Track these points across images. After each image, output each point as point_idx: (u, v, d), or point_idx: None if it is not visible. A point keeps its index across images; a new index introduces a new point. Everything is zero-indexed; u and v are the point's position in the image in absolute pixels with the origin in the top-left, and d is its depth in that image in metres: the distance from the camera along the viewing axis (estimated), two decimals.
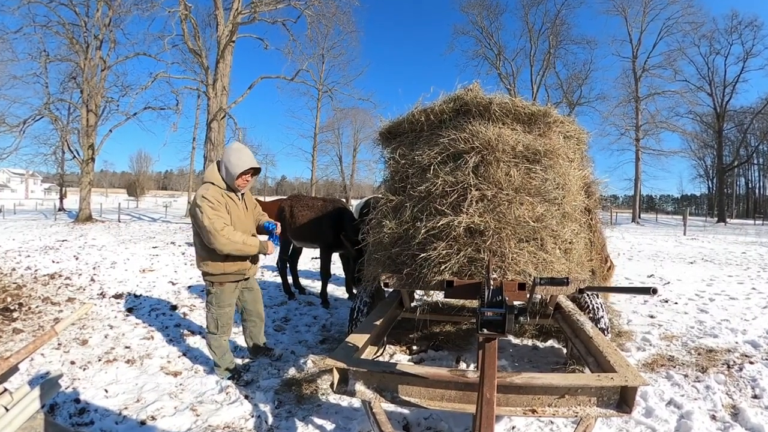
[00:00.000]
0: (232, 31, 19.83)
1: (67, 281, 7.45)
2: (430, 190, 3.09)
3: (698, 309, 5.83)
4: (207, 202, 3.30)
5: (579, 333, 3.19)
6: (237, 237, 3.35)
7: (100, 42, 23.10)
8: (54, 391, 1.99)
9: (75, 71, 23.61)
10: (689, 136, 39.90)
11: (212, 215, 3.28)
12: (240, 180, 3.47)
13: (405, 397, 2.43)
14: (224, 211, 3.40)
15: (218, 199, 3.38)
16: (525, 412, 2.27)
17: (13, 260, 9.43)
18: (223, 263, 3.49)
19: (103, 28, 22.82)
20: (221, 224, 3.29)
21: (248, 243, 3.43)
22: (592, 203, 3.77)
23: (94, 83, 22.82)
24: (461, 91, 3.37)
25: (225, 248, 3.32)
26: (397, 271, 3.10)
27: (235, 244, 3.34)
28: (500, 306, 1.65)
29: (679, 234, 19.25)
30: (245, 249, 3.42)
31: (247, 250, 3.44)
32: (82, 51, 22.60)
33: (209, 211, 3.28)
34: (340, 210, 6.07)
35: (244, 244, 3.39)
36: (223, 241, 3.28)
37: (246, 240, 3.41)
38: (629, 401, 2.21)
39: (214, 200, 3.34)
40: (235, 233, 3.36)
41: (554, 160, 3.17)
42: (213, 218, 3.27)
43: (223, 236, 3.27)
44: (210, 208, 3.30)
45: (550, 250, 2.89)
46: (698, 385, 3.48)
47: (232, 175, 3.40)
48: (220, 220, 3.31)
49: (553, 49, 37.90)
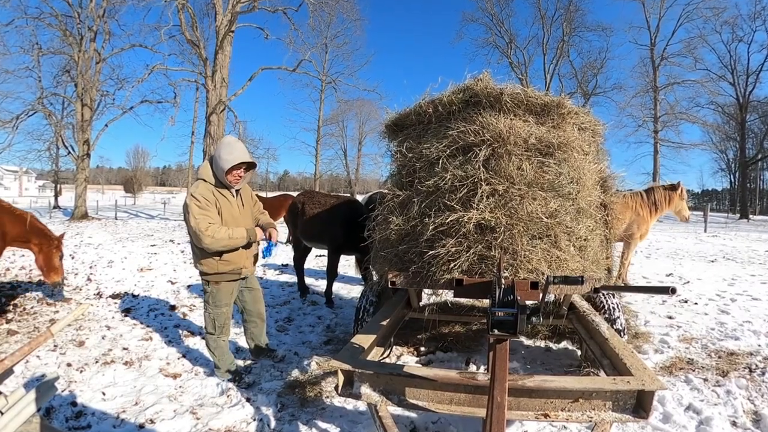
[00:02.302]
0: (231, 20, 19.82)
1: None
2: (438, 185, 3.09)
3: (719, 310, 5.79)
4: (194, 201, 3.36)
5: (594, 334, 3.18)
6: (222, 233, 3.37)
7: (95, 34, 23.18)
8: (50, 394, 2.01)
9: (69, 64, 23.71)
10: (710, 127, 39.52)
11: (198, 215, 3.33)
12: (231, 176, 3.50)
13: (412, 401, 2.44)
14: (213, 209, 3.43)
15: (207, 197, 3.41)
16: (537, 416, 2.27)
17: (6, 260, 9.50)
18: (217, 262, 3.53)
19: (97, 19, 22.90)
20: (206, 224, 3.32)
21: (234, 236, 3.44)
22: (608, 198, 3.75)
23: (89, 76, 22.93)
24: (471, 81, 3.34)
25: (212, 247, 3.37)
26: (404, 269, 3.10)
27: (220, 241, 3.37)
28: (512, 306, 1.64)
29: (699, 231, 19.11)
30: (232, 243, 3.45)
31: (234, 244, 3.46)
32: (76, 43, 22.68)
33: (195, 210, 3.33)
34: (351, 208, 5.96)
35: (230, 239, 3.41)
36: (207, 240, 3.32)
37: (232, 233, 3.43)
38: (646, 406, 2.20)
39: (202, 198, 3.38)
40: (220, 229, 3.38)
41: (568, 153, 3.15)
42: (198, 218, 3.32)
43: (208, 236, 3.31)
44: (197, 207, 3.35)
45: (564, 247, 2.88)
46: (718, 389, 3.46)
47: (222, 171, 3.43)
48: (205, 219, 3.34)
49: (567, 37, 37.61)
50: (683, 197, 6.88)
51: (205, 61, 20.47)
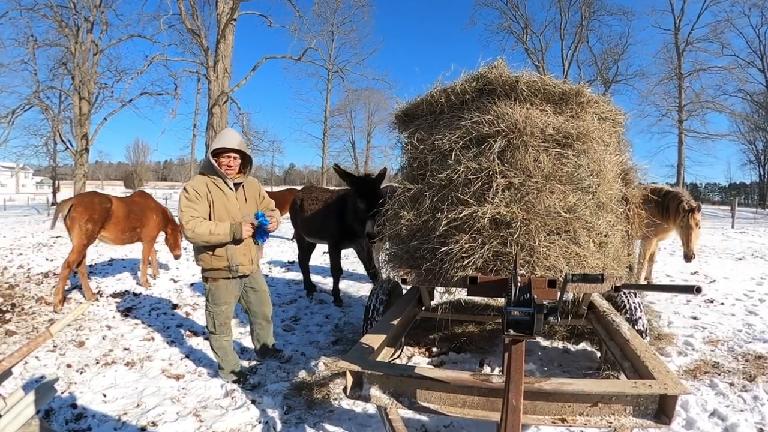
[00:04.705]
0: (233, 8, 19.85)
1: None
2: (451, 178, 3.07)
3: (747, 311, 5.72)
4: (184, 193, 3.50)
5: (614, 335, 3.17)
6: (202, 228, 3.41)
7: (91, 24, 23.40)
8: (49, 396, 2.03)
9: (65, 56, 23.97)
10: (738, 117, 38.97)
11: (184, 207, 3.45)
12: (221, 164, 3.57)
13: (424, 403, 2.45)
14: (203, 202, 3.51)
15: (198, 189, 3.52)
16: (554, 420, 2.27)
17: (4, 258, 9.65)
18: (210, 257, 3.60)
19: (94, 9, 23.11)
20: (188, 217, 3.41)
21: (216, 232, 3.46)
22: (630, 192, 3.72)
23: (86, 69, 23.15)
24: (485, 69, 3.32)
25: (193, 240, 3.45)
26: (415, 266, 3.10)
27: (201, 236, 3.42)
28: (528, 305, 1.64)
29: (726, 226, 18.88)
30: (213, 239, 3.46)
31: (215, 240, 3.48)
32: (72, 35, 22.90)
33: (183, 202, 3.48)
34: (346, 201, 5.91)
35: (210, 234, 3.44)
36: (188, 234, 3.41)
37: (214, 229, 3.45)
38: (668, 411, 2.19)
39: (192, 191, 3.50)
40: (202, 224, 3.42)
41: (588, 144, 3.12)
42: (184, 210, 3.44)
43: (188, 229, 3.40)
44: (185, 199, 3.48)
45: (584, 243, 2.86)
46: (745, 395, 3.43)
47: (209, 157, 3.55)
48: (189, 212, 3.44)
49: (586, 21, 37.23)
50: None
51: (207, 50, 20.53)
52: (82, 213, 6.03)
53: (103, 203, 6.29)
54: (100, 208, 6.20)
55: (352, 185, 5.11)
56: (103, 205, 6.26)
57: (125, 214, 6.59)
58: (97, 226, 6.15)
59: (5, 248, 11.01)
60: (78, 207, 6.08)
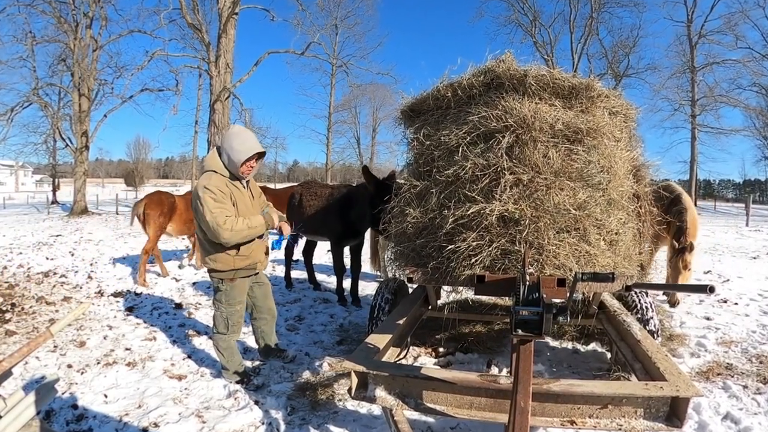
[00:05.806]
0: (234, 2, 19.84)
1: (62, 279, 7.68)
2: (458, 174, 3.07)
3: (761, 311, 5.69)
4: (209, 194, 3.34)
5: (625, 336, 3.16)
6: (240, 225, 3.39)
7: (90, 20, 23.45)
8: (50, 397, 2.05)
9: (64, 53, 24.06)
10: (753, 111, 38.51)
11: (214, 208, 3.32)
12: (244, 167, 3.50)
13: (430, 405, 2.45)
14: (229, 202, 3.44)
15: (222, 189, 3.41)
16: (563, 423, 2.26)
17: (4, 258, 9.73)
18: (233, 258, 3.54)
19: (93, 4, 23.16)
20: (223, 218, 3.32)
21: (253, 225, 3.48)
22: (641, 189, 3.70)
23: (86, 65, 23.20)
24: (492, 63, 3.31)
25: (231, 240, 3.38)
26: (422, 264, 3.10)
27: (240, 232, 3.38)
28: (537, 304, 1.64)
29: (740, 224, 18.78)
30: (252, 232, 3.49)
31: (254, 233, 3.51)
32: (71, 30, 22.96)
33: (211, 203, 3.32)
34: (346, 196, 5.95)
35: (249, 229, 3.44)
36: (227, 235, 3.32)
37: (250, 223, 3.46)
38: (680, 414, 2.18)
39: (217, 191, 3.37)
40: (237, 221, 3.40)
41: (598, 139, 3.11)
42: (215, 211, 3.31)
43: (226, 230, 3.31)
44: (212, 200, 3.33)
45: (594, 241, 2.85)
46: (759, 397, 3.41)
47: (235, 163, 3.43)
48: (223, 213, 3.34)
49: (596, 13, 36.90)
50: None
51: (208, 45, 20.55)
52: (155, 209, 7.41)
53: (168, 199, 7.71)
54: (167, 203, 7.59)
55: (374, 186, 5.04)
56: (169, 200, 7.67)
57: (185, 208, 7.73)
58: (167, 218, 7.52)
59: (5, 247, 11.11)
60: (151, 204, 7.44)
